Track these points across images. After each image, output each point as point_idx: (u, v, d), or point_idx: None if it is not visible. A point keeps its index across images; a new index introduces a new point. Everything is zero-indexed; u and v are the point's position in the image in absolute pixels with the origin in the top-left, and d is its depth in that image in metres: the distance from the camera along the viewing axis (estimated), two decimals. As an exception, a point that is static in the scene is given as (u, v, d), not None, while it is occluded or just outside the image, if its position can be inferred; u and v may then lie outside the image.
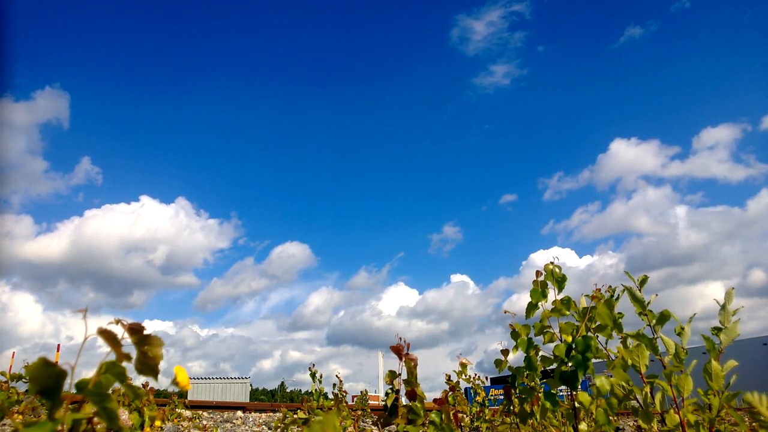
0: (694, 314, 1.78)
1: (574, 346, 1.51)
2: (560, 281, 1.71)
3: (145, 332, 0.76)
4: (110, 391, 0.71)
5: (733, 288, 1.72)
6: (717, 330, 1.72)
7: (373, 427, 6.32)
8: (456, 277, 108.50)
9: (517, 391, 1.89)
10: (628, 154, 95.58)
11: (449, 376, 3.93)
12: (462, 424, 4.32)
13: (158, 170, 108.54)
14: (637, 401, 1.69)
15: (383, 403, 1.60)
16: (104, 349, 0.71)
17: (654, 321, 1.76)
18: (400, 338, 1.56)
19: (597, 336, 1.63)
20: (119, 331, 0.73)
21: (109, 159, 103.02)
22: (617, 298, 1.81)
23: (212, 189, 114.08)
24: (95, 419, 0.72)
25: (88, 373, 0.70)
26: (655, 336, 1.74)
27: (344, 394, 4.84)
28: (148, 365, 0.76)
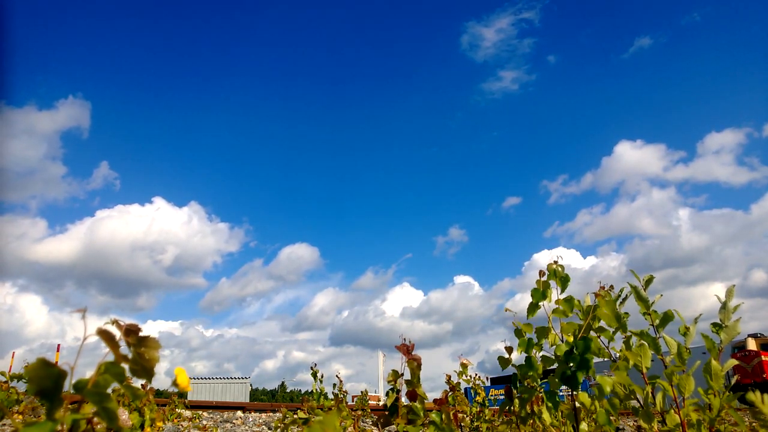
0: (700, 315, 1.74)
1: (575, 347, 1.50)
2: (563, 281, 1.69)
3: (142, 334, 0.74)
4: (110, 391, 0.71)
5: (734, 285, 1.68)
6: (717, 326, 1.69)
7: (373, 427, 6.30)
8: (460, 279, 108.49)
9: (518, 391, 1.87)
10: (633, 157, 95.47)
11: (449, 377, 3.93)
12: (462, 424, 4.31)
13: (172, 175, 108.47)
14: (638, 401, 1.68)
15: (383, 403, 1.60)
16: (107, 349, 0.71)
17: (657, 321, 1.75)
18: (404, 338, 1.55)
19: (599, 336, 1.62)
20: (119, 332, 0.72)
21: (126, 163, 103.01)
22: (624, 299, 1.79)
23: (224, 193, 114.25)
24: (95, 419, 0.71)
25: (91, 373, 0.69)
26: (658, 336, 1.73)
27: (345, 393, 4.83)
28: (144, 367, 0.74)
